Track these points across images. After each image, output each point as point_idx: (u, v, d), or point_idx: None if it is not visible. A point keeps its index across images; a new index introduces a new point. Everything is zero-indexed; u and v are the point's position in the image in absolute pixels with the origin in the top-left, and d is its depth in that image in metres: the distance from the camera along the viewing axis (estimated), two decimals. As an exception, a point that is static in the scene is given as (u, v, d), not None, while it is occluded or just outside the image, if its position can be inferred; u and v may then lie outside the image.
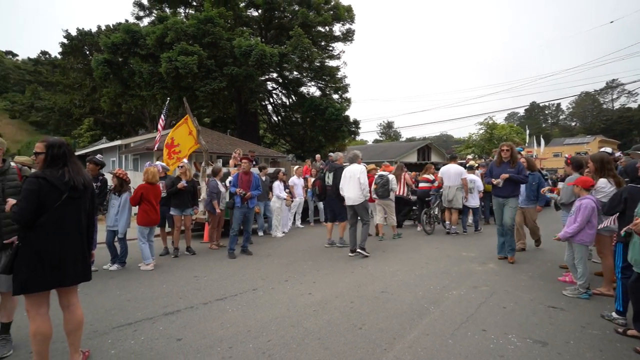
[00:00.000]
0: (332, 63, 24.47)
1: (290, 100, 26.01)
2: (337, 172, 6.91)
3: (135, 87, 20.33)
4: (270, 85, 25.77)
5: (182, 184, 6.55)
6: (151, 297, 4.47)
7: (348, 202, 6.56)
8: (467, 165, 9.69)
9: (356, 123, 23.51)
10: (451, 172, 8.60)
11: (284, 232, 8.94)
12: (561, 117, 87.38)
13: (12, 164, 3.27)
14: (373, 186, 7.89)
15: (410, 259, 6.33)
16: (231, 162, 8.88)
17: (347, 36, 24.75)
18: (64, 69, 34.01)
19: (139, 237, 5.88)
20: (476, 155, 22.96)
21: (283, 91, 26.18)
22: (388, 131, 77.61)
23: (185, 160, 7.47)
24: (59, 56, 35.79)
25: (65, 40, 32.04)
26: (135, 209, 5.96)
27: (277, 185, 8.63)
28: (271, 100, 27.22)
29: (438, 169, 9.75)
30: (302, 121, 24.61)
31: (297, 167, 10.52)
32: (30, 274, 2.56)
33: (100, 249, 6.01)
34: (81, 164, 3.03)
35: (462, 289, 4.65)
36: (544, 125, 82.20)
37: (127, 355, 3.03)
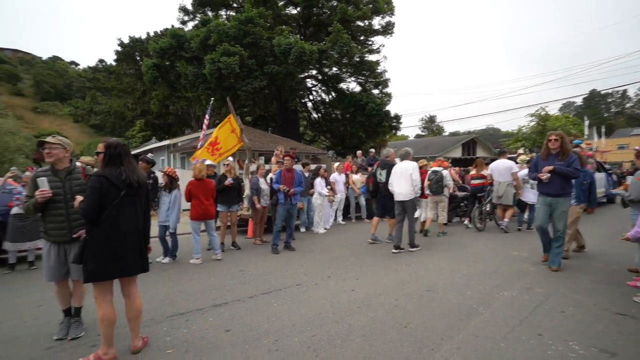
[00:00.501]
0: (371, 57, 24.19)
1: (330, 96, 26.05)
2: (390, 169, 6.86)
3: (181, 89, 21.36)
4: (309, 82, 25.96)
5: (229, 181, 6.79)
6: (200, 289, 4.68)
7: (398, 198, 6.52)
8: (519, 159, 9.15)
9: (397, 118, 23.03)
10: (501, 167, 8.18)
11: (325, 229, 8.98)
12: (627, 104, 79.63)
13: (78, 163, 3.55)
14: (426, 182, 7.75)
15: (457, 256, 6.10)
16: (273, 159, 9.05)
17: (387, 29, 24.28)
18: (118, 74, 36.52)
19: (192, 231, 6.20)
20: (527, 149, 21.62)
21: (323, 88, 26.27)
22: (430, 125, 75.27)
23: (230, 158, 7.71)
24: (113, 63, 38.46)
25: (119, 48, 34.37)
26: (185, 205, 6.26)
27: (319, 182, 8.68)
28: (311, 97, 27.44)
29: (487, 164, 9.31)
30: (342, 117, 24.57)
31: (337, 163, 10.51)
32: (96, 264, 2.78)
33: (152, 243, 6.40)
34: (136, 162, 3.22)
35: (514, 290, 4.40)
36: (606, 115, 75.43)
37: (181, 343, 3.19)
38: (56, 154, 3.21)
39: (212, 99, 12.41)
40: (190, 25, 25.33)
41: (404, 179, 6.41)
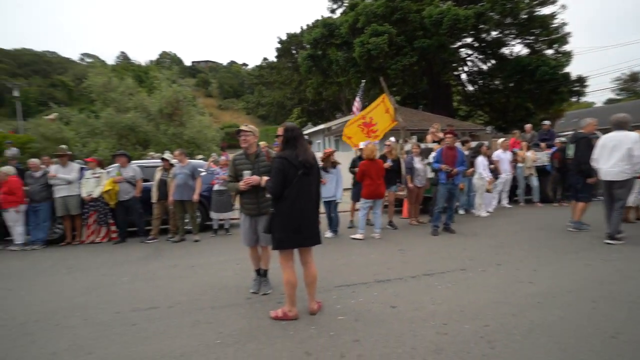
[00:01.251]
0: (544, 11, 20.09)
1: (489, 65, 23.09)
2: (580, 142, 5.70)
3: (333, 75, 22.55)
4: (464, 52, 23.59)
5: (388, 163, 6.83)
6: (363, 264, 4.89)
7: (605, 177, 5.34)
8: None
9: (581, 80, 18.72)
10: None
11: (488, 212, 8.13)
12: None
13: (261, 145, 4.12)
14: None
15: (686, 256, 4.61)
16: (428, 137, 8.65)
17: (566, -29, 19.72)
18: (278, 69, 41.27)
19: (360, 208, 6.52)
20: None
21: (480, 56, 23.49)
22: (632, 86, 58.00)
23: (392, 138, 7.73)
24: (274, 59, 43.61)
25: (278, 45, 38.70)
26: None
27: (481, 161, 7.84)
28: (465, 68, 24.93)
29: None
30: (503, 87, 21.52)
31: (502, 139, 9.28)
32: (281, 234, 3.19)
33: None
34: (308, 144, 3.51)
35: None
36: None
37: (349, 311, 3.40)
38: (249, 140, 3.79)
39: (363, 81, 12.66)
40: (338, 13, 26.30)
41: (617, 154, 5.13)
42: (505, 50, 21.71)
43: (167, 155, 7.54)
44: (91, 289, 4.40)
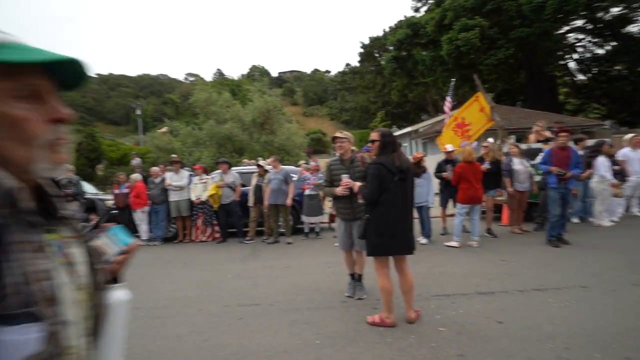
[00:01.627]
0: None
1: (607, 48, 19.85)
2: None
3: (419, 75, 21.78)
4: (572, 37, 20.72)
5: (485, 166, 6.31)
6: (461, 273, 4.59)
7: None
8: None
9: None
10: None
11: (612, 221, 6.94)
12: None
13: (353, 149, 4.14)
14: None
15: None
16: (532, 137, 7.75)
17: None
18: (361, 73, 41.39)
19: (457, 214, 6.19)
20: None
21: (594, 40, 20.35)
22: None
23: (490, 139, 7.18)
24: (357, 64, 43.88)
25: (361, 50, 38.87)
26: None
27: (602, 162, 6.73)
28: (574, 56, 21.87)
29: None
30: (628, 73, 18.25)
31: (631, 135, 7.84)
32: (377, 240, 3.16)
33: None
34: (401, 149, 3.43)
35: None
36: None
37: (451, 323, 3.21)
38: (344, 146, 3.85)
39: (452, 80, 11.95)
40: (422, 11, 25.35)
41: None
42: (632, 29, 18.29)
43: (262, 161, 8.07)
44: (202, 283, 4.91)
